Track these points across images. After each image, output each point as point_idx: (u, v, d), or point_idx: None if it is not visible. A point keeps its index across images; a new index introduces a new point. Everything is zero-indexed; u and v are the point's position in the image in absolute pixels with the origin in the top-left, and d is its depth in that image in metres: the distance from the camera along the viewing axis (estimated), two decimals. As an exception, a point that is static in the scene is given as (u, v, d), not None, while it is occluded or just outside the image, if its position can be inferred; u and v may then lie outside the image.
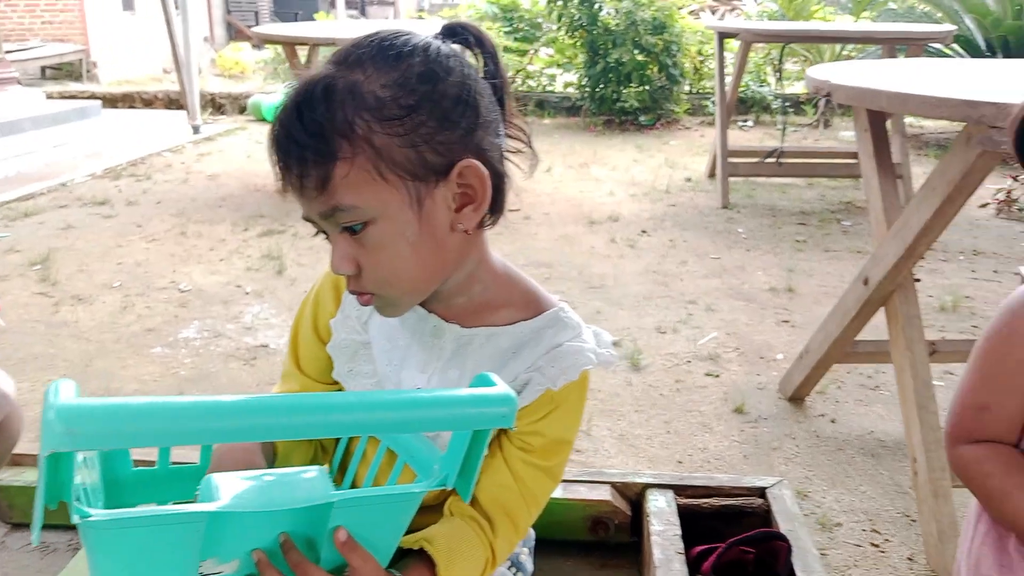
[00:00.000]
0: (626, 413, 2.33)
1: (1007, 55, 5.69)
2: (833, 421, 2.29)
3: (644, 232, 3.96)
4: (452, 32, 0.80)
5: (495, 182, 0.80)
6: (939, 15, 6.29)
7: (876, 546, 1.80)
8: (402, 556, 0.79)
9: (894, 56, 4.20)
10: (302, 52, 4.67)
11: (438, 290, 0.83)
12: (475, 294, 0.86)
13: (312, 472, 0.70)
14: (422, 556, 0.79)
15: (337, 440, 0.94)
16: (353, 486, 0.88)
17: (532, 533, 1.01)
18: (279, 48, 7.42)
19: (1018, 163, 0.92)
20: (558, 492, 1.10)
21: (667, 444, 2.19)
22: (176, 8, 6.11)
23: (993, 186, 4.32)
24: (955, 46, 5.87)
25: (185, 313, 2.95)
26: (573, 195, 4.60)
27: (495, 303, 0.87)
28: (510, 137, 0.86)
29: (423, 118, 0.73)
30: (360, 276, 0.78)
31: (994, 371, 0.89)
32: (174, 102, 7.42)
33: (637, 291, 3.22)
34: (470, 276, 0.85)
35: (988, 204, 4.30)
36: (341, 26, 4.58)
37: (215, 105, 7.55)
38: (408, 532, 0.81)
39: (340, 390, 0.93)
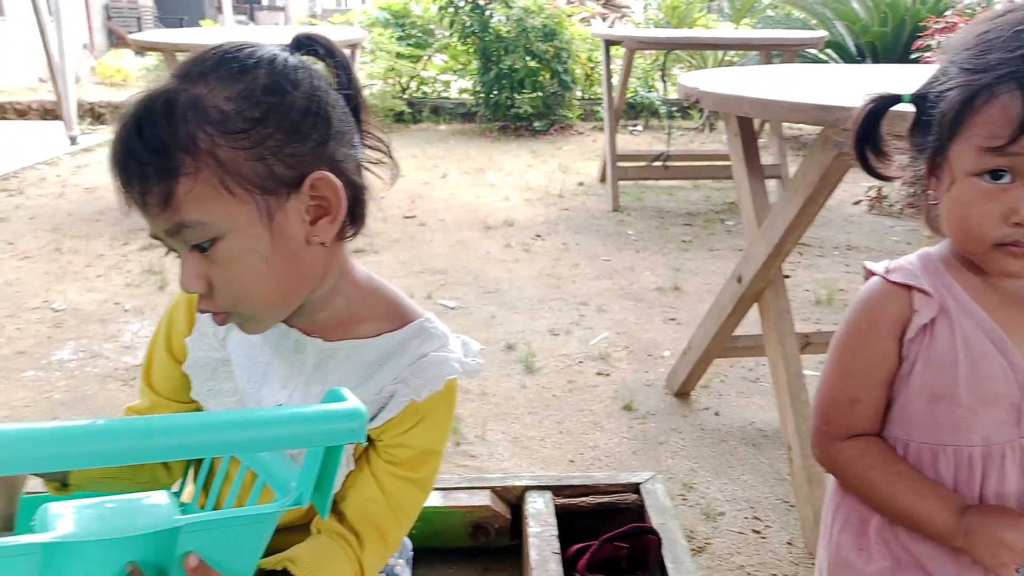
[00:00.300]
0: (520, 416, 2.35)
1: (875, 60, 6.04)
2: (717, 414, 2.38)
3: (538, 236, 4.01)
4: (301, 44, 0.80)
5: (352, 193, 0.80)
6: (813, 22, 6.62)
7: (758, 532, 1.87)
8: (266, 578, 0.78)
9: (770, 61, 4.40)
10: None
11: (300, 305, 0.82)
12: (338, 308, 0.85)
13: (156, 496, 0.67)
14: None
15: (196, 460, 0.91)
16: (216, 507, 0.86)
17: (408, 543, 1.00)
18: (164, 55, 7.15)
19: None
20: (437, 500, 1.10)
21: (559, 444, 2.22)
22: (50, 14, 5.80)
23: (866, 183, 4.57)
24: (828, 51, 6.19)
25: (59, 334, 2.81)
26: (468, 201, 4.62)
27: (359, 316, 0.86)
28: (369, 148, 0.85)
29: (270, 130, 0.72)
30: (212, 294, 0.76)
31: (859, 364, 0.91)
32: (50, 112, 7.04)
33: (531, 294, 3.26)
34: (332, 290, 0.84)
35: (861, 201, 4.55)
36: (225, 32, 4.45)
37: (94, 115, 7.21)
38: (276, 552, 0.80)
39: (196, 409, 0.91)
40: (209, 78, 0.73)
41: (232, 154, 0.71)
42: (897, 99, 0.89)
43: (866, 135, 0.90)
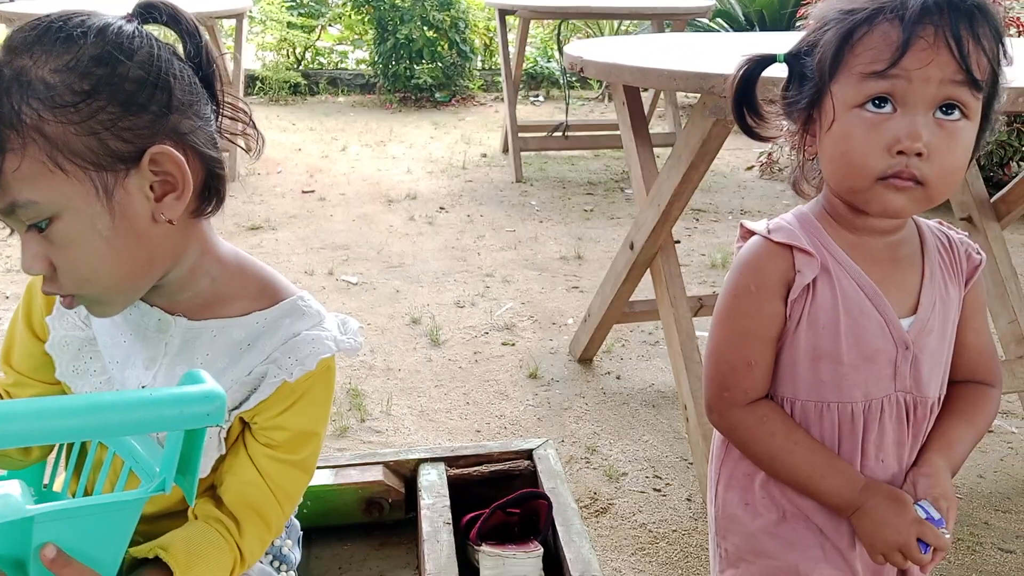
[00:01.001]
0: (426, 389, 2.36)
1: (763, 28, 6.22)
2: (618, 378, 2.44)
3: (442, 209, 3.99)
4: (142, 11, 0.76)
5: (207, 166, 0.77)
6: (705, -9, 6.75)
7: (658, 491, 1.94)
8: (138, 566, 0.76)
9: (662, 30, 4.47)
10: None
11: (159, 285, 0.80)
12: (202, 287, 0.83)
13: (7, 486, 0.65)
14: (158, 564, 0.75)
15: (67, 444, 0.88)
16: (86, 493, 0.83)
17: (296, 523, 0.99)
18: None
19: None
20: (329, 478, 1.09)
21: (466, 415, 2.24)
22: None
23: (758, 149, 4.72)
24: (719, 20, 6.33)
25: (-68, 327, 2.64)
26: (370, 174, 4.55)
27: (226, 295, 0.84)
28: (229, 118, 0.82)
29: (102, 103, 0.69)
30: (56, 276, 0.74)
31: (750, 326, 0.91)
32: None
33: (436, 267, 3.25)
34: (193, 269, 0.81)
35: (753, 167, 4.70)
36: (85, 2, 4.20)
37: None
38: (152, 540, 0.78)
39: (60, 389, 0.87)
40: (35, 50, 0.69)
41: (60, 129, 0.68)
42: (771, 59, 0.90)
43: (743, 98, 0.91)
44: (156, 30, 0.76)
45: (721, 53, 1.96)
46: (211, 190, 0.79)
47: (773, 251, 0.90)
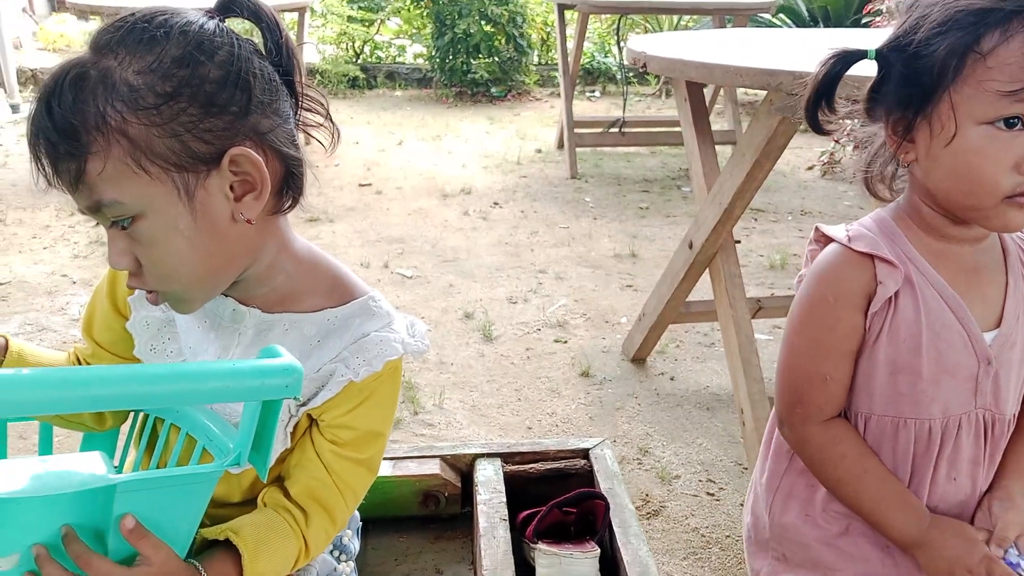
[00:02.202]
0: (478, 384, 2.36)
1: (827, 24, 6.08)
2: (672, 379, 2.41)
3: (496, 204, 3.99)
4: (225, 7, 0.77)
5: (286, 164, 0.78)
6: (767, -13, 6.62)
7: (711, 495, 1.91)
8: (208, 547, 0.77)
9: (723, 26, 4.39)
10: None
11: (237, 281, 0.81)
12: (278, 284, 0.83)
13: (91, 456, 0.66)
14: (228, 547, 0.76)
15: (140, 424, 0.90)
16: None
17: (356, 514, 1.00)
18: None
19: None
20: (387, 470, 1.10)
21: (518, 411, 2.23)
22: (-17, -23, 5.57)
23: (820, 148, 4.62)
24: (781, 16, 6.21)
25: (5, 307, 2.74)
26: (426, 168, 4.57)
27: (300, 291, 0.84)
28: (308, 112, 0.83)
29: (184, 105, 0.70)
30: (140, 273, 0.75)
31: (827, 339, 0.87)
32: (-11, 79, 6.78)
33: (490, 262, 3.25)
34: (270, 266, 0.82)
35: (814, 166, 4.60)
36: (170, -4, 4.31)
37: (36, 81, 6.96)
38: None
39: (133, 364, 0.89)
40: (119, 50, 0.70)
41: (143, 131, 0.69)
42: (860, 55, 0.84)
43: (822, 95, 0.86)
44: (237, 25, 0.77)
45: (786, 50, 1.92)
46: (289, 187, 0.79)
47: (854, 261, 0.86)
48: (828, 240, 0.89)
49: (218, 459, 0.73)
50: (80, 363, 0.93)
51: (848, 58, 0.84)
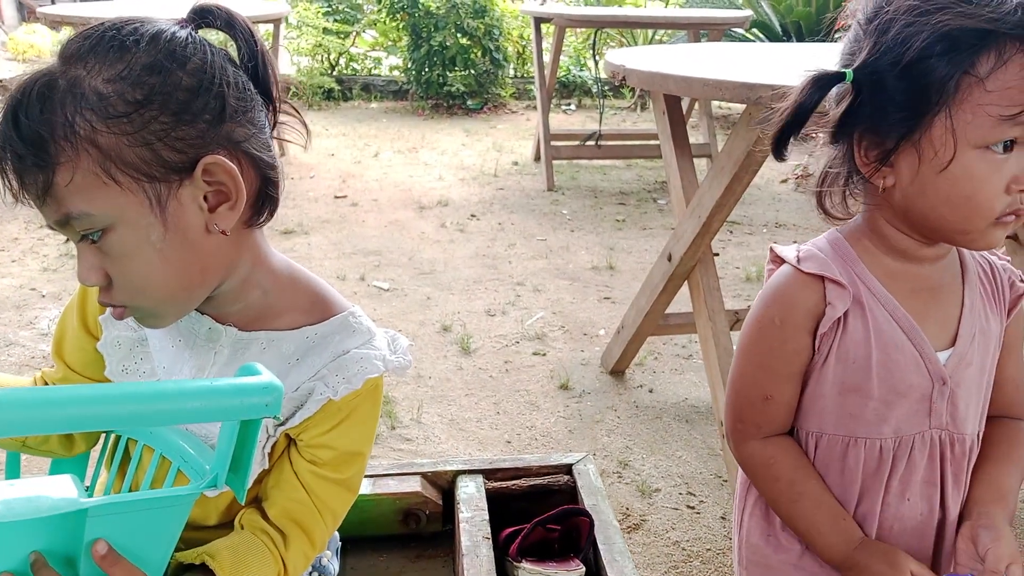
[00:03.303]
0: (456, 398, 2.34)
1: (800, 39, 6.16)
2: (651, 391, 2.40)
3: (473, 216, 3.98)
4: (197, 17, 0.75)
5: (261, 175, 0.76)
6: (740, 2, 6.71)
7: (692, 508, 1.90)
8: (184, 572, 0.75)
9: (698, 40, 4.43)
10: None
11: (211, 297, 0.78)
12: (254, 300, 0.81)
13: (60, 479, 0.64)
14: (204, 571, 0.74)
15: (112, 445, 0.87)
16: None
17: (336, 535, 0.98)
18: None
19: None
20: (367, 488, 1.08)
21: (496, 425, 2.22)
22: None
23: (793, 162, 4.66)
24: (754, 31, 6.28)
25: (-29, 324, 2.68)
26: (402, 180, 4.55)
27: (277, 308, 0.82)
28: (283, 123, 0.81)
29: (154, 113, 0.68)
30: (111, 288, 0.72)
31: (770, 361, 0.87)
32: (-45, 89, 6.67)
33: (467, 275, 3.24)
34: (245, 281, 0.80)
35: (788, 179, 4.64)
36: (137, 5, 4.26)
37: (5, 91, 6.86)
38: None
39: None
40: (88, 59, 0.68)
41: (113, 140, 0.67)
42: (838, 78, 0.78)
43: (797, 124, 0.81)
44: (212, 36, 0.75)
45: (763, 64, 1.93)
46: (265, 198, 0.77)
47: (802, 282, 0.85)
48: (782, 261, 0.88)
49: (194, 481, 0.71)
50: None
51: (824, 83, 0.79)
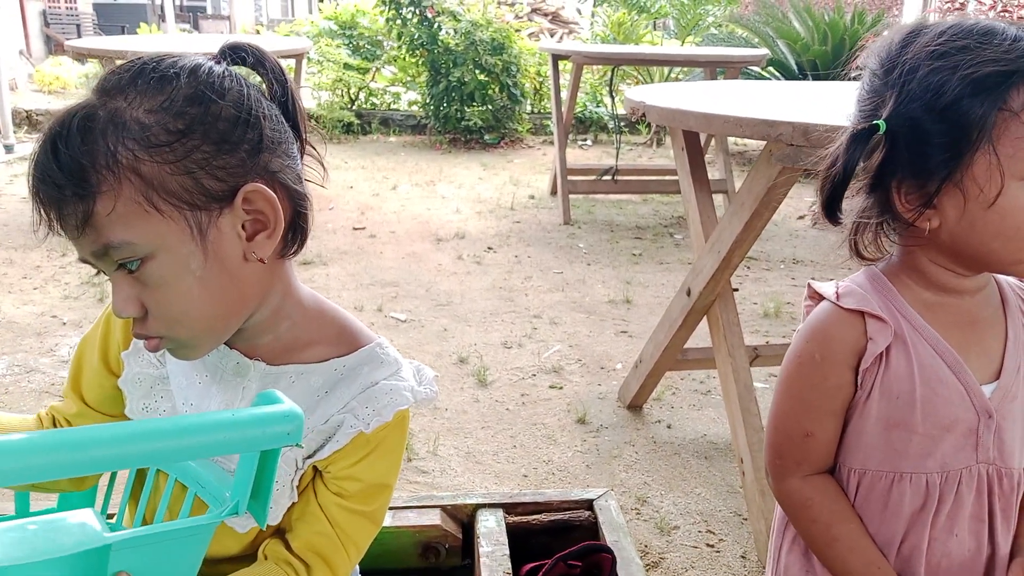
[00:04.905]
0: (473, 430, 2.33)
1: (816, 77, 6.19)
2: (669, 427, 2.39)
3: (490, 249, 4.00)
4: (230, 53, 0.77)
5: (294, 205, 0.77)
6: (756, 40, 6.76)
7: (711, 546, 1.88)
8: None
9: (715, 78, 4.47)
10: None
11: (240, 329, 0.79)
12: (282, 332, 0.82)
13: (81, 514, 0.64)
14: None
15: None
16: (144, 522, 0.82)
17: (356, 567, 0.97)
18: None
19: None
20: (386, 520, 1.07)
21: (513, 459, 2.20)
22: (-18, 19, 5.61)
23: (810, 199, 4.67)
24: (771, 69, 6.33)
25: (-8, 350, 2.70)
26: (420, 213, 4.58)
27: (305, 340, 0.82)
28: (310, 155, 0.82)
29: (196, 142, 0.69)
30: (146, 319, 0.73)
31: (811, 397, 0.87)
32: (-17, 120, 6.80)
33: (484, 307, 3.24)
34: (275, 312, 0.80)
35: (805, 216, 4.64)
36: (164, 40, 4.35)
37: (31, 122, 6.99)
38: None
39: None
40: (128, 91, 0.69)
41: (156, 169, 0.68)
42: (872, 131, 0.79)
43: (843, 186, 0.82)
44: (242, 72, 0.77)
45: (782, 101, 1.95)
46: (297, 229, 0.78)
47: (843, 318, 0.85)
48: (821, 297, 0.88)
49: (213, 507, 0.70)
50: (56, 425, 0.89)
51: (861, 137, 0.80)
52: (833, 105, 1.74)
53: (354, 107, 7.13)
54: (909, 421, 0.84)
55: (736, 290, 1.99)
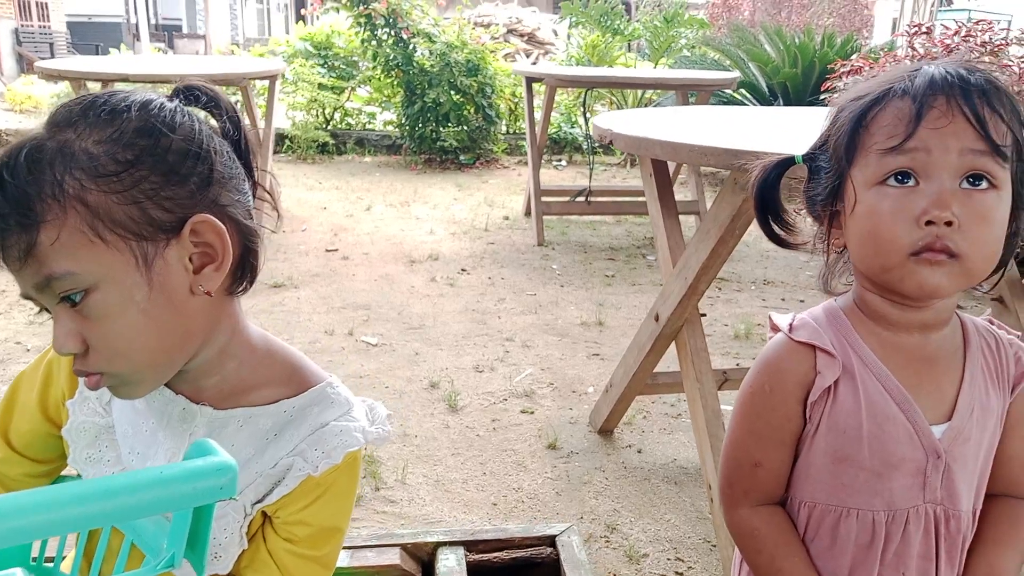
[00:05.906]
0: (443, 457, 2.31)
1: (787, 100, 6.27)
2: (640, 451, 2.38)
3: (464, 270, 3.99)
4: (183, 93, 0.76)
5: (244, 241, 0.76)
6: (728, 63, 6.84)
7: (680, 574, 1.87)
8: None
9: (687, 101, 4.51)
10: (95, 88, 4.36)
11: (185, 369, 0.77)
12: (229, 373, 0.80)
13: (11, 573, 0.62)
14: None
15: None
16: (81, 571, 0.79)
17: (310, 610, 0.95)
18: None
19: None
20: (344, 560, 1.05)
21: (483, 487, 2.18)
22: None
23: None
24: (742, 91, 6.40)
25: (-48, 378, 2.64)
26: (393, 234, 4.57)
27: (252, 381, 0.81)
28: (258, 198, 0.81)
29: (144, 172, 0.68)
30: (87, 354, 0.71)
31: (761, 427, 0.88)
32: (-50, 139, 6.72)
33: (456, 330, 3.23)
34: (222, 352, 0.79)
35: (776, 236, 4.68)
36: (136, 61, 4.32)
37: (1, 142, 6.92)
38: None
39: (54, 469, 0.85)
40: (78, 124, 0.69)
41: (103, 198, 0.67)
42: (789, 162, 0.89)
43: (765, 206, 0.91)
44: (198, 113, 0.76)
45: (749, 127, 1.96)
46: (246, 265, 0.77)
47: (793, 350, 0.87)
48: (779, 329, 0.90)
49: (150, 557, 0.68)
50: None
51: (779, 167, 0.90)
52: (798, 132, 1.76)
53: (329, 127, 7.12)
54: (856, 456, 0.85)
55: (704, 315, 2.00)
